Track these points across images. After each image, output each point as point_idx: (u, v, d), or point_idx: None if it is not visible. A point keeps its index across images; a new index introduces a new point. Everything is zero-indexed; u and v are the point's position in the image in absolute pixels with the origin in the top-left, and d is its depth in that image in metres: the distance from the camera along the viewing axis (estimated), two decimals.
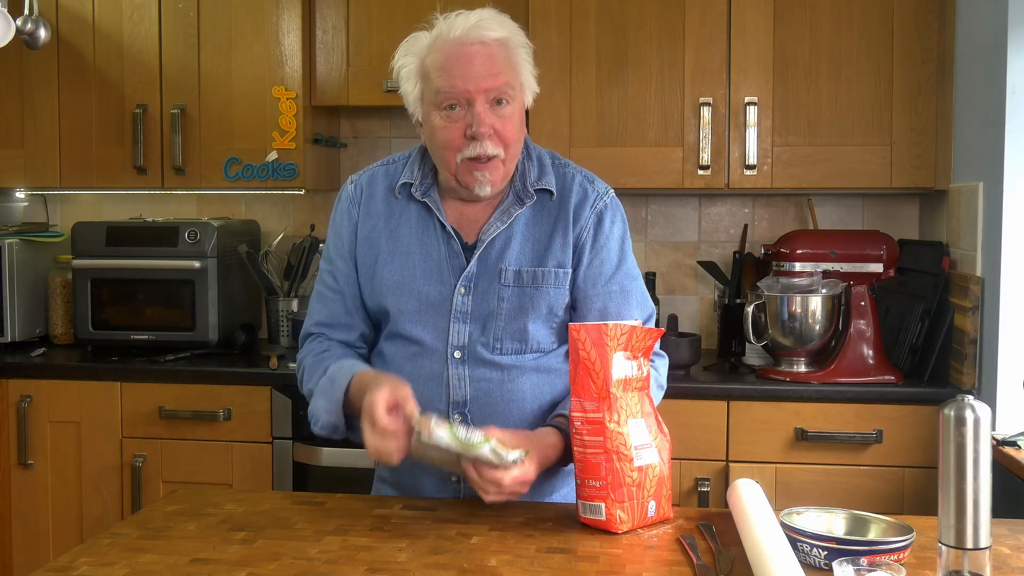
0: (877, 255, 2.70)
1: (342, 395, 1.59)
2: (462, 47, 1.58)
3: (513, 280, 1.65)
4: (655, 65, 2.86)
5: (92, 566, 1.33)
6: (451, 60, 1.58)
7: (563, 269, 1.67)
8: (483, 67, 1.58)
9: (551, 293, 1.66)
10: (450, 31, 1.60)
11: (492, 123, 1.59)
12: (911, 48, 2.77)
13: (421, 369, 1.66)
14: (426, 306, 1.67)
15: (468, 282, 1.66)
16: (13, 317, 3.12)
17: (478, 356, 1.65)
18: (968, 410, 1.16)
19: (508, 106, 1.61)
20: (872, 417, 2.56)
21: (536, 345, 1.67)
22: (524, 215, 1.68)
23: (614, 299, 1.68)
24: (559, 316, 1.68)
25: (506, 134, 1.61)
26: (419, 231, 1.69)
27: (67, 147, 3.13)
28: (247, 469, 2.79)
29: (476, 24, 1.60)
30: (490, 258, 1.66)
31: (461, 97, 1.58)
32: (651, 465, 1.50)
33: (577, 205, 1.68)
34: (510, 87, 1.61)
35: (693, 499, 2.61)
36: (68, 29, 3.11)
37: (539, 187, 1.69)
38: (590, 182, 1.72)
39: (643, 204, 3.27)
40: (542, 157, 1.73)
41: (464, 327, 1.65)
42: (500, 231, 1.66)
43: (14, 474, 2.90)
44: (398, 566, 1.33)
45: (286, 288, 3.20)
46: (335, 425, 1.62)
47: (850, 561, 1.15)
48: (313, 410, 1.64)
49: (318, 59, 3.05)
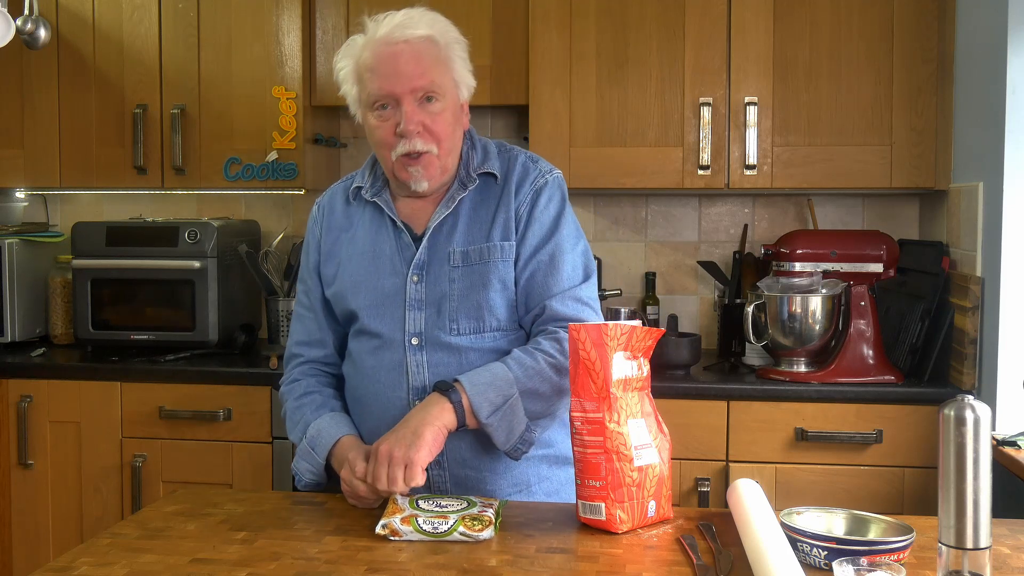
0: (877, 255, 2.70)
1: (323, 462, 1.69)
2: (387, 47, 1.63)
3: (461, 260, 1.69)
4: (655, 65, 2.86)
5: (92, 566, 1.33)
6: (378, 61, 1.63)
7: (508, 242, 1.70)
8: (408, 66, 1.62)
9: (500, 267, 1.69)
10: (376, 31, 1.65)
11: (421, 120, 1.64)
12: (911, 48, 2.77)
13: (382, 361, 1.71)
14: (382, 298, 1.71)
15: (420, 270, 1.70)
16: (13, 317, 3.12)
17: (436, 340, 1.68)
18: (968, 410, 1.16)
19: (438, 103, 1.66)
20: (872, 417, 2.56)
21: (495, 323, 1.70)
22: (468, 199, 1.73)
23: (541, 268, 1.70)
24: (512, 289, 1.71)
25: (436, 130, 1.65)
26: (373, 230, 1.75)
27: (67, 147, 3.13)
28: (247, 469, 2.79)
29: (400, 24, 1.64)
30: (438, 244, 1.71)
31: (389, 97, 1.64)
32: (651, 465, 1.50)
33: (518, 182, 1.73)
34: (437, 85, 1.65)
35: (693, 499, 2.61)
36: (68, 29, 3.11)
37: (482, 171, 1.73)
38: (533, 162, 1.76)
39: (643, 204, 3.27)
40: (487, 146, 1.78)
41: (419, 314, 1.69)
42: (445, 216, 1.71)
43: (14, 474, 2.90)
44: (398, 566, 1.33)
45: (286, 288, 3.19)
46: (318, 483, 1.72)
47: (850, 561, 1.15)
48: (296, 469, 1.73)
49: (318, 59, 3.05)
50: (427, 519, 1.44)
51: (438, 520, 1.44)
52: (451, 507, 1.49)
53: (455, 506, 1.49)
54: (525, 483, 1.73)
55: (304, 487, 1.73)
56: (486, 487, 1.70)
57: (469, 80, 1.73)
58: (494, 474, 1.71)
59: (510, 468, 1.71)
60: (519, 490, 1.72)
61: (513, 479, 1.72)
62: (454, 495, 1.63)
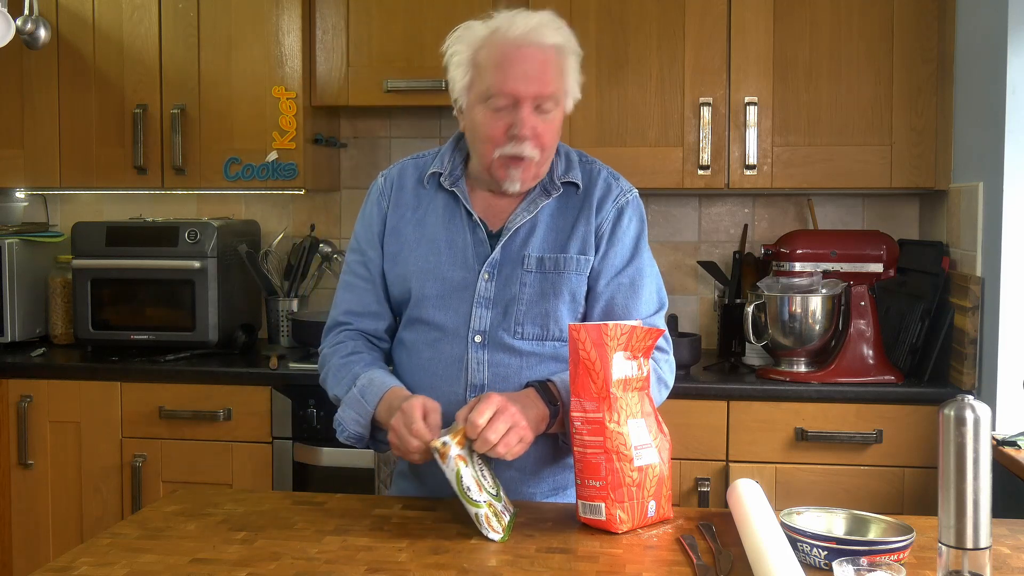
0: (877, 255, 2.70)
1: (373, 410, 1.63)
2: (518, 49, 1.61)
3: (536, 267, 1.69)
4: (655, 65, 2.86)
5: (92, 566, 1.33)
6: (506, 59, 1.61)
7: (584, 256, 1.70)
8: (536, 72, 1.61)
9: (572, 279, 1.69)
10: (509, 29, 1.62)
11: (535, 126, 1.63)
12: (911, 48, 2.77)
13: (441, 354, 1.69)
14: (450, 291, 1.69)
15: (492, 268, 1.69)
16: (13, 317, 3.11)
17: (499, 341, 1.68)
18: (968, 410, 1.16)
19: (552, 112, 1.64)
20: (872, 417, 2.56)
21: (558, 332, 1.69)
22: (549, 206, 1.72)
23: (622, 291, 1.71)
24: (580, 304, 1.71)
25: (546, 139, 1.65)
26: (446, 219, 1.73)
27: (67, 147, 3.13)
28: (247, 469, 2.79)
29: (536, 27, 1.62)
30: (514, 246, 1.70)
31: (509, 97, 1.61)
32: (651, 465, 1.50)
33: (601, 198, 1.73)
34: (557, 94, 1.64)
35: (693, 499, 2.61)
36: (68, 29, 3.11)
37: (566, 180, 1.73)
38: (615, 178, 1.77)
39: (643, 204, 3.26)
40: (569, 153, 1.77)
41: (486, 312, 1.68)
42: (526, 220, 1.70)
43: (14, 474, 2.90)
44: (398, 566, 1.33)
45: (286, 288, 3.20)
46: (361, 435, 1.66)
47: (850, 561, 1.15)
48: (341, 419, 1.67)
49: (318, 59, 3.05)
50: (472, 474, 1.45)
51: (475, 486, 1.45)
52: (488, 485, 1.48)
53: (490, 489, 1.49)
54: (563, 486, 1.74)
55: (346, 439, 1.67)
56: (527, 489, 1.71)
57: (577, 92, 1.71)
58: (535, 477, 1.71)
59: (553, 474, 1.73)
60: (556, 492, 1.74)
61: (554, 483, 1.73)
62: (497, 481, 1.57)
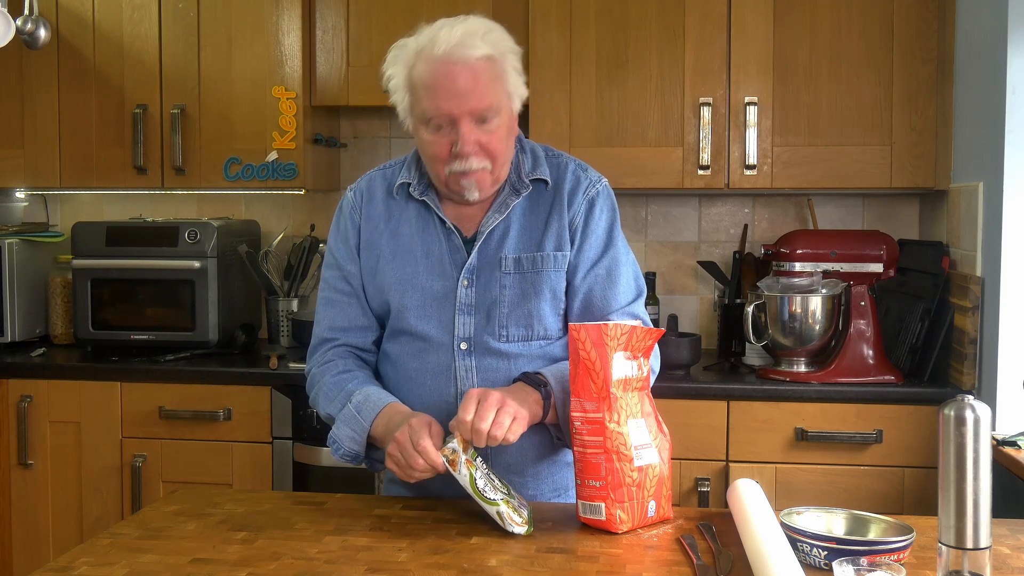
0: (877, 255, 2.70)
1: (369, 426, 1.62)
2: (445, 66, 1.58)
3: (513, 267, 1.68)
4: (655, 65, 2.86)
5: (92, 566, 1.33)
6: (435, 80, 1.58)
7: (561, 252, 1.69)
8: (467, 88, 1.58)
9: (551, 276, 1.69)
10: (433, 47, 1.58)
11: (477, 139, 1.61)
12: (911, 48, 2.77)
13: (427, 364, 1.69)
14: (430, 300, 1.69)
15: (470, 274, 1.68)
16: (13, 317, 3.11)
17: (485, 345, 1.67)
18: (968, 410, 1.16)
19: (494, 120, 1.62)
20: (872, 417, 2.56)
21: (543, 331, 1.69)
22: (520, 205, 1.71)
23: (599, 282, 1.71)
24: (562, 300, 1.71)
25: (492, 148, 1.63)
26: (419, 228, 1.72)
27: (67, 147, 3.13)
28: (247, 469, 2.79)
29: (459, 43, 1.57)
30: (490, 249, 1.69)
31: (445, 117, 1.60)
32: (651, 465, 1.50)
33: (571, 191, 1.71)
34: (494, 105, 1.61)
35: (693, 499, 2.61)
36: (68, 29, 3.11)
37: (534, 177, 1.72)
38: (583, 170, 1.75)
39: (643, 204, 3.27)
40: (535, 149, 1.76)
41: (469, 318, 1.68)
42: (499, 222, 1.69)
43: (14, 474, 2.90)
44: (398, 566, 1.33)
45: (286, 288, 3.19)
46: (356, 453, 1.65)
47: (850, 561, 1.15)
48: (336, 437, 1.66)
49: (318, 59, 3.05)
50: (483, 474, 1.46)
51: (489, 486, 1.46)
52: (498, 484, 1.49)
53: (501, 488, 1.50)
54: (564, 487, 1.74)
55: (341, 456, 1.65)
56: (528, 491, 1.70)
57: (522, 90, 1.68)
58: (536, 479, 1.71)
59: (552, 473, 1.72)
60: (557, 494, 1.74)
61: (553, 484, 1.73)
62: (504, 481, 1.57)
